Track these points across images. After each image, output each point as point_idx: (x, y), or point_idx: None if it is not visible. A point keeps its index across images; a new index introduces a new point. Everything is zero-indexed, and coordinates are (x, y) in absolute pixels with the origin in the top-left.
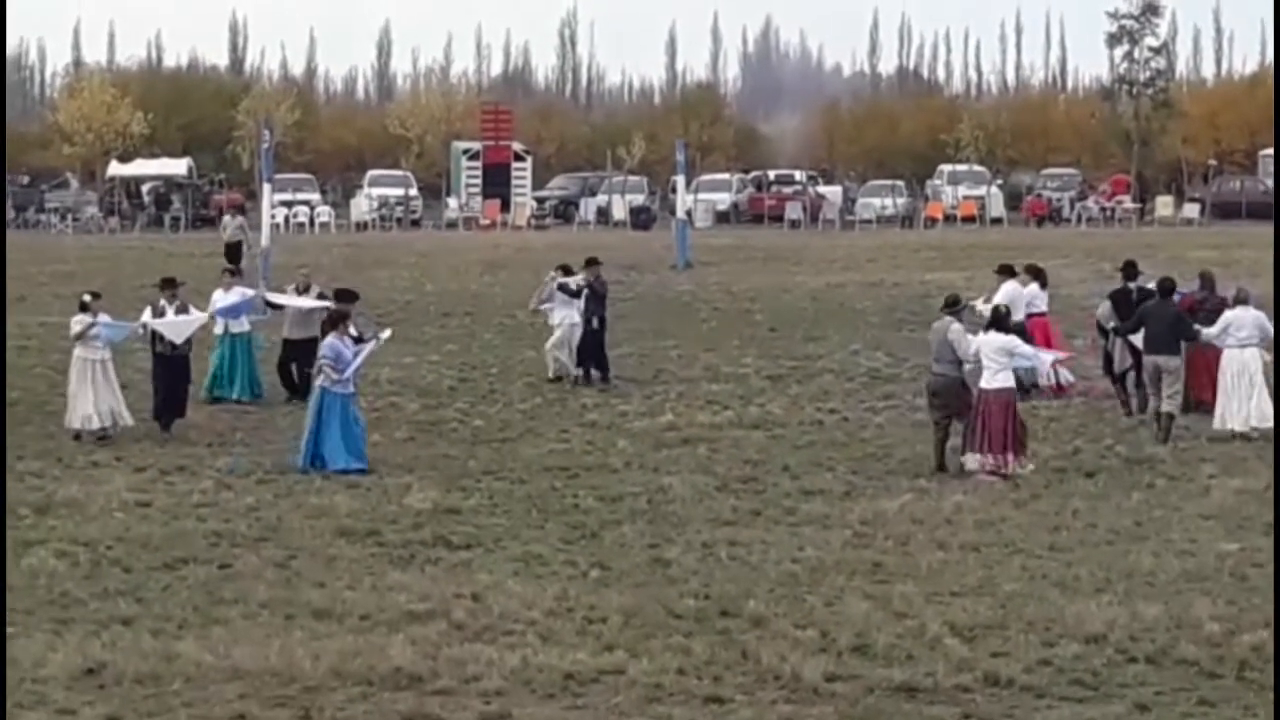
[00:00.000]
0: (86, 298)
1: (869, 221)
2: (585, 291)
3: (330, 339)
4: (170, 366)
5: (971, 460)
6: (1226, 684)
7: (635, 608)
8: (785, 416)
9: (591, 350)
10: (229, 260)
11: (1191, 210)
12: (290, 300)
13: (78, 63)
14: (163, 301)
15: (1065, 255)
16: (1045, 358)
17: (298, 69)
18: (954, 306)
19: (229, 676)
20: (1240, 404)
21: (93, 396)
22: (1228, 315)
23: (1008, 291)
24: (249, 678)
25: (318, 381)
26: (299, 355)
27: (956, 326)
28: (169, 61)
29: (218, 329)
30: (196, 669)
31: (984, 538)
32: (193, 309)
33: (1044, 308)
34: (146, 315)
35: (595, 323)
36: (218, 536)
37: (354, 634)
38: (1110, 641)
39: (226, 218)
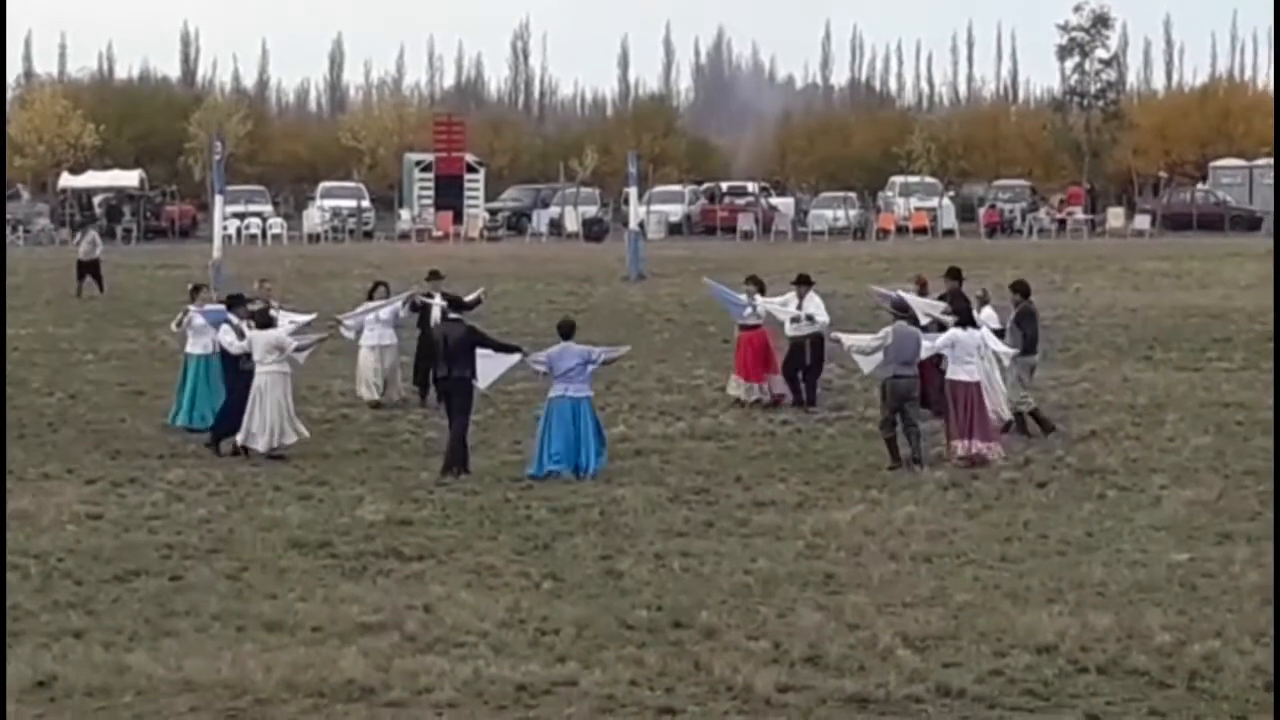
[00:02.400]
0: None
1: (821, 233)
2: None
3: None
4: (243, 381)
5: (975, 447)
6: (1177, 694)
7: (588, 619)
8: (737, 428)
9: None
10: (81, 277)
11: (1142, 221)
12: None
13: (29, 74)
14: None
15: (1016, 266)
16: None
17: (250, 80)
18: (906, 311)
19: (180, 689)
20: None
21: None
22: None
23: (817, 302)
24: (200, 690)
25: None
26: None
27: (916, 330)
28: (120, 73)
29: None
30: (148, 681)
31: (936, 548)
32: (287, 315)
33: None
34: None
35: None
36: (169, 548)
37: (306, 646)
38: (1061, 652)
39: (80, 233)
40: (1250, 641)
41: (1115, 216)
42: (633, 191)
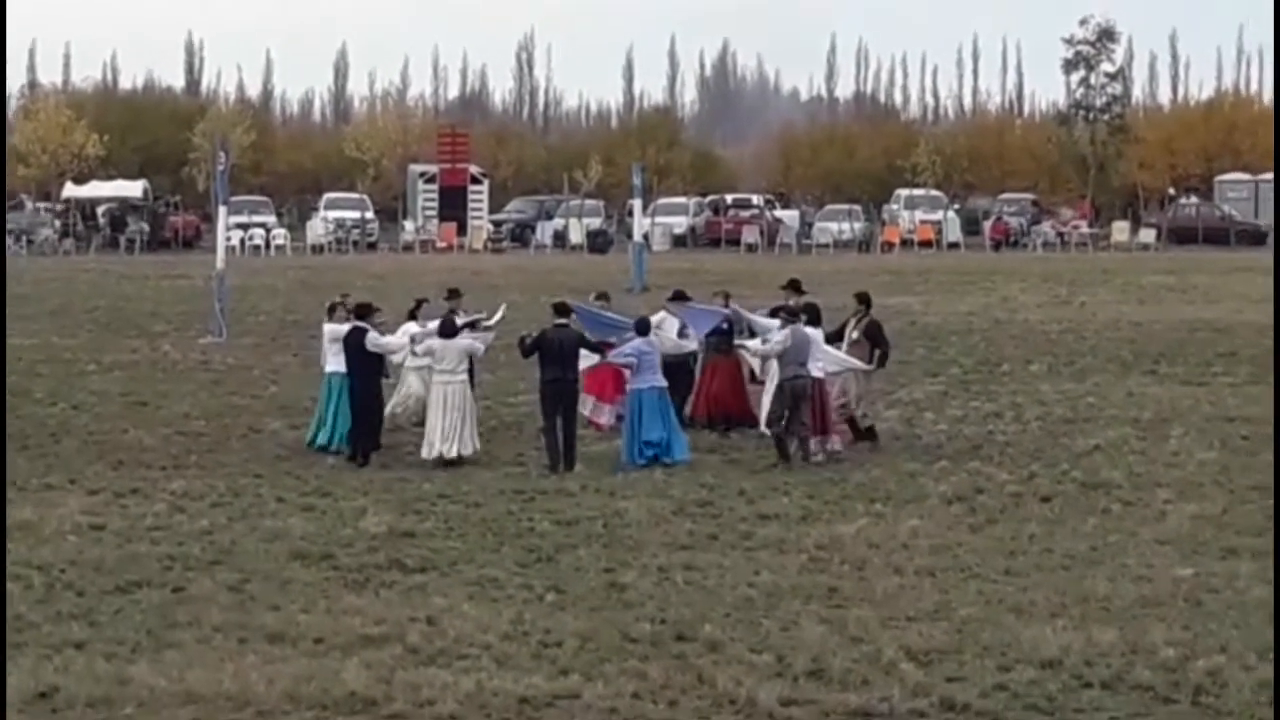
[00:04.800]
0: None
1: (826, 246)
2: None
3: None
4: (370, 393)
5: (830, 443)
6: (1182, 709)
7: (591, 632)
8: (741, 440)
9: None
10: None
11: (1148, 235)
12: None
13: (33, 84)
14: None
15: (1022, 280)
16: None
17: (254, 91)
18: (816, 314)
19: (182, 700)
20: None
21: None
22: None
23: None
24: (202, 702)
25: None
26: None
27: (809, 332)
28: (124, 83)
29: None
30: (150, 693)
31: (940, 562)
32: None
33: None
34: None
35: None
36: (171, 560)
37: (308, 658)
38: (1066, 666)
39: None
40: (1255, 657)
41: (1120, 230)
42: (637, 203)
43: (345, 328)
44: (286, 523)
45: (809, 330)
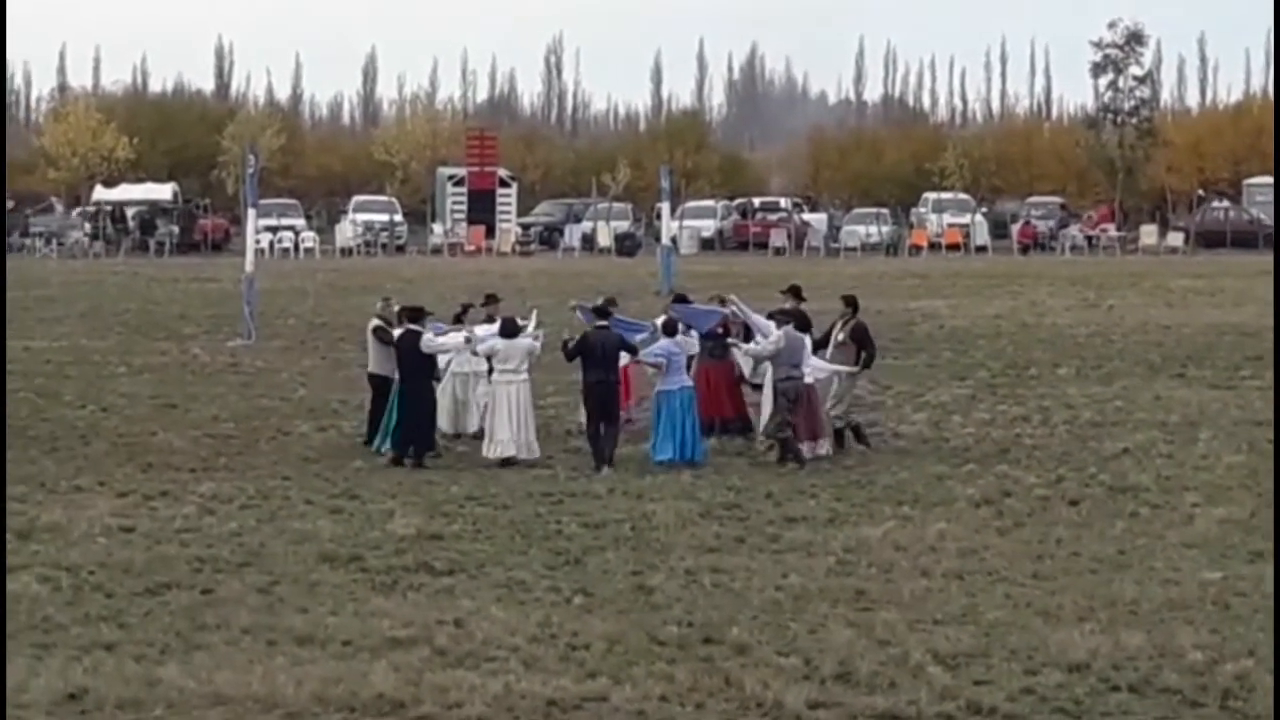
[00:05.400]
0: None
1: (854, 249)
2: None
3: (664, 342)
4: (418, 392)
5: (820, 447)
6: (1210, 713)
7: (618, 634)
8: (745, 444)
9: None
10: None
11: (1176, 239)
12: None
13: (63, 87)
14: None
15: (1050, 283)
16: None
17: (283, 94)
18: (804, 321)
19: (211, 702)
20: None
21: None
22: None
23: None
24: (231, 703)
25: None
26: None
27: (801, 334)
28: (154, 86)
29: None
30: (178, 695)
31: (967, 565)
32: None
33: None
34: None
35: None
36: (200, 562)
37: (336, 660)
38: (1093, 670)
39: None
40: None
41: (1148, 234)
42: (665, 206)
43: (397, 332)
44: (315, 525)
45: (797, 333)
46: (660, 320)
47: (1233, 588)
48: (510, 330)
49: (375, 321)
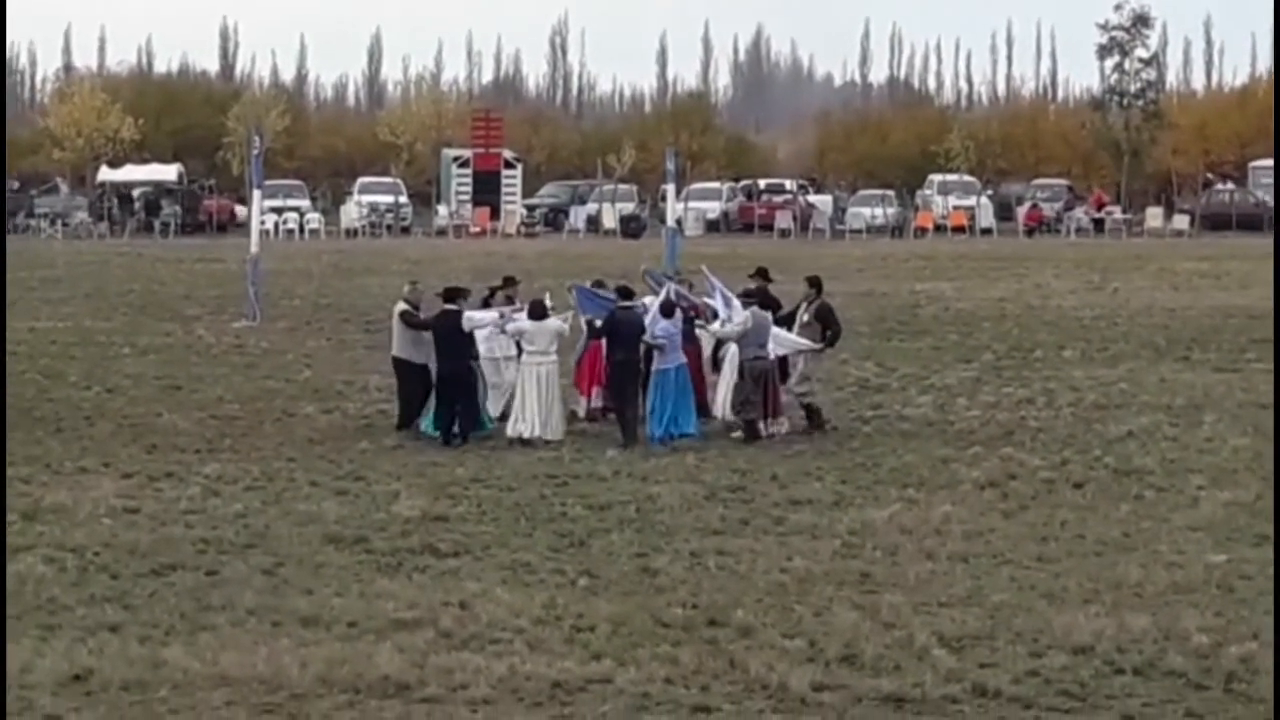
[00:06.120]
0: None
1: (859, 231)
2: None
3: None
4: (457, 374)
5: (779, 425)
6: (1214, 695)
7: (623, 616)
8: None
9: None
10: None
11: (1181, 221)
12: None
13: (68, 68)
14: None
15: (1056, 266)
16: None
17: (288, 75)
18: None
19: (216, 683)
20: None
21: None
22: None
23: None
24: (236, 685)
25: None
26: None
27: (768, 314)
28: (160, 67)
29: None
30: (183, 676)
31: (972, 548)
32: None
33: None
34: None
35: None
36: (205, 543)
37: (341, 641)
38: (1098, 653)
39: None
40: None
41: (1154, 216)
42: (670, 188)
43: (434, 313)
44: (320, 507)
45: (762, 312)
46: (657, 303)
47: (1237, 571)
48: (539, 312)
49: (402, 306)
